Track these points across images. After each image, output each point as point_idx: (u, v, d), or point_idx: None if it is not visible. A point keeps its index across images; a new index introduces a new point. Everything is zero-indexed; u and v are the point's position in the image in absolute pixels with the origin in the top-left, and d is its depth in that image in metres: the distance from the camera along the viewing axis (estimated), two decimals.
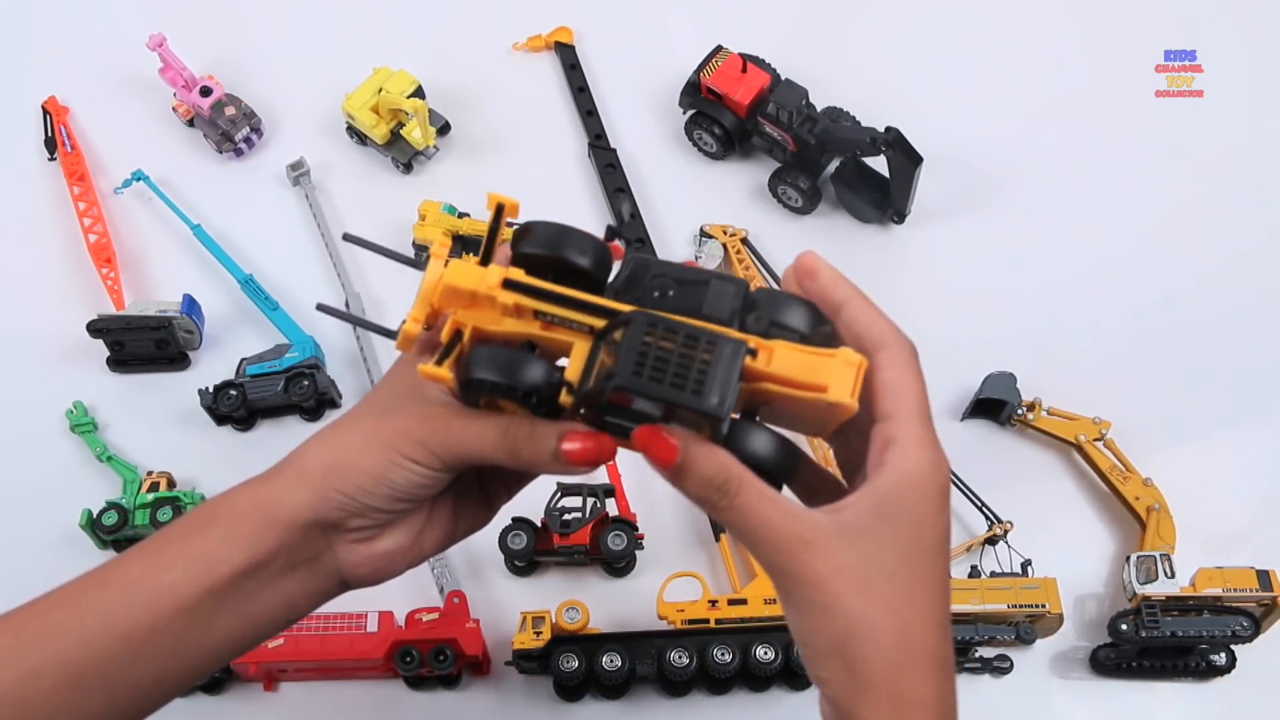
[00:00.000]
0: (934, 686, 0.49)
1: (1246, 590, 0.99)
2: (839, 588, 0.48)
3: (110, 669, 0.53)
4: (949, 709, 0.51)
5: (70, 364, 1.19)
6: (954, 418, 1.14)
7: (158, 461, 1.13)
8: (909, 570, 0.49)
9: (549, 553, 1.06)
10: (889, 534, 0.49)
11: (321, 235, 1.26)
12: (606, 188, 1.27)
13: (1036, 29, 1.38)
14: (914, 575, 0.49)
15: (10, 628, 0.54)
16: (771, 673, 0.99)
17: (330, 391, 1.15)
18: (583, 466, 0.52)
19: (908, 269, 1.23)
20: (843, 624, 0.49)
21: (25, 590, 1.12)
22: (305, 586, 0.57)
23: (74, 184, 1.27)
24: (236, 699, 1.04)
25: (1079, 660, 1.04)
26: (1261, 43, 1.37)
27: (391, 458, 0.54)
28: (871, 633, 0.48)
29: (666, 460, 0.49)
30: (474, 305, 0.52)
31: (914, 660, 0.49)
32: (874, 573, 0.49)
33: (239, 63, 1.36)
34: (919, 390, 0.51)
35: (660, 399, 0.48)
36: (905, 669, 0.49)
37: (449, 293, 0.52)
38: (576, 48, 1.38)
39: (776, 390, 0.50)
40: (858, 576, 0.49)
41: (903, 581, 0.49)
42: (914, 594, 0.49)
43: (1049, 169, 1.28)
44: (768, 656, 0.98)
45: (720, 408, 0.47)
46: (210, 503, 0.57)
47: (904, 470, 0.50)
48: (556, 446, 0.52)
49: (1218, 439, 1.12)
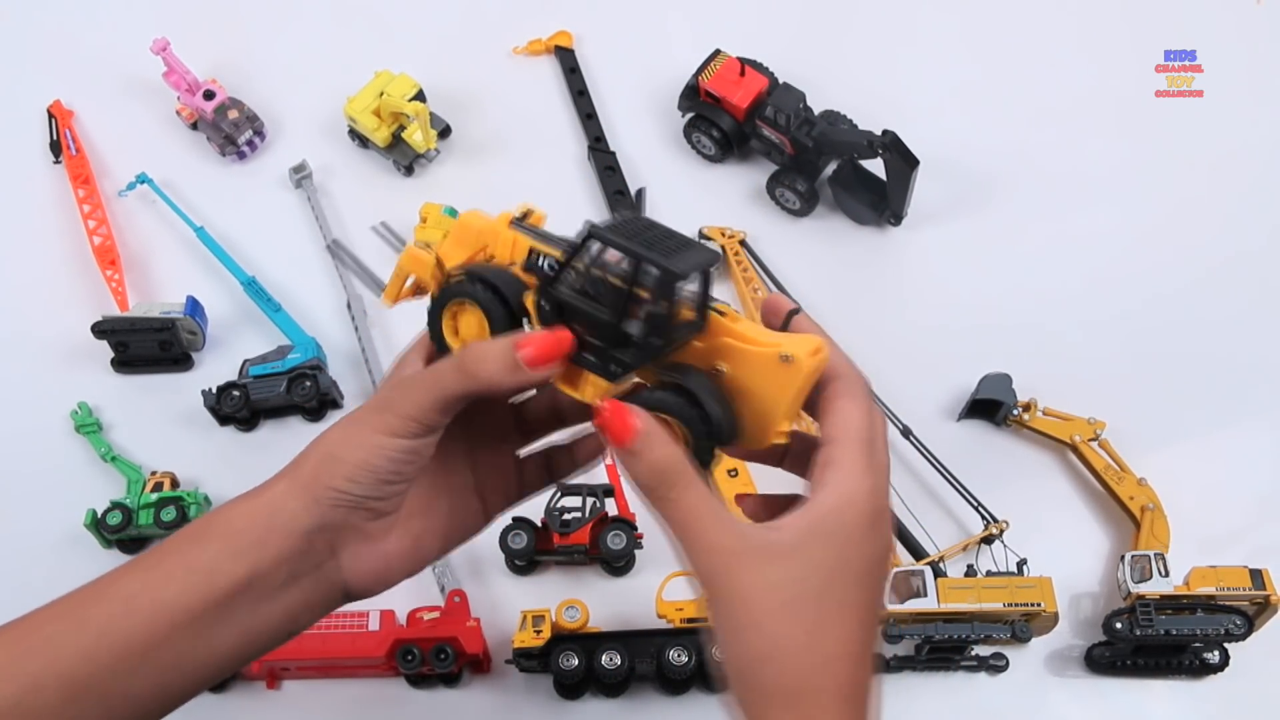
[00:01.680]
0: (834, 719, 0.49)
1: (1240, 589, 0.99)
2: (762, 607, 0.49)
3: (109, 683, 0.53)
4: None
5: (75, 365, 1.20)
6: (950, 418, 1.14)
7: (161, 462, 1.14)
8: (833, 593, 0.49)
9: (549, 552, 1.07)
10: (818, 554, 0.49)
11: (323, 237, 1.27)
12: (606, 190, 1.28)
13: (1035, 30, 1.39)
14: (837, 599, 0.49)
15: (9, 640, 0.54)
16: None
17: (332, 392, 1.16)
18: (542, 367, 0.52)
19: (904, 271, 1.24)
20: (759, 646, 0.49)
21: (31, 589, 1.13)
22: (307, 598, 0.57)
23: (79, 187, 1.28)
24: (240, 697, 1.05)
25: (1074, 658, 1.04)
26: (1261, 43, 1.37)
27: (368, 440, 0.55)
28: (784, 660, 0.48)
29: (622, 438, 0.50)
30: (479, 242, 0.58)
31: (820, 692, 0.49)
32: (798, 593, 0.48)
33: (242, 67, 1.37)
34: (864, 419, 0.52)
35: (629, 251, 0.50)
36: (805, 700, 0.48)
37: (463, 229, 0.58)
38: (576, 51, 1.39)
39: (734, 346, 0.52)
40: (782, 597, 0.48)
41: (826, 605, 0.49)
42: (834, 620, 0.49)
43: (1047, 170, 1.28)
44: None
45: (684, 273, 0.49)
46: (207, 517, 0.58)
47: (840, 492, 0.50)
48: (512, 354, 0.52)
49: (1212, 439, 1.13)
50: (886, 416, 1.12)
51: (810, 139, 1.21)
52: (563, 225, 1.27)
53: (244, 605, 0.55)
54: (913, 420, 1.12)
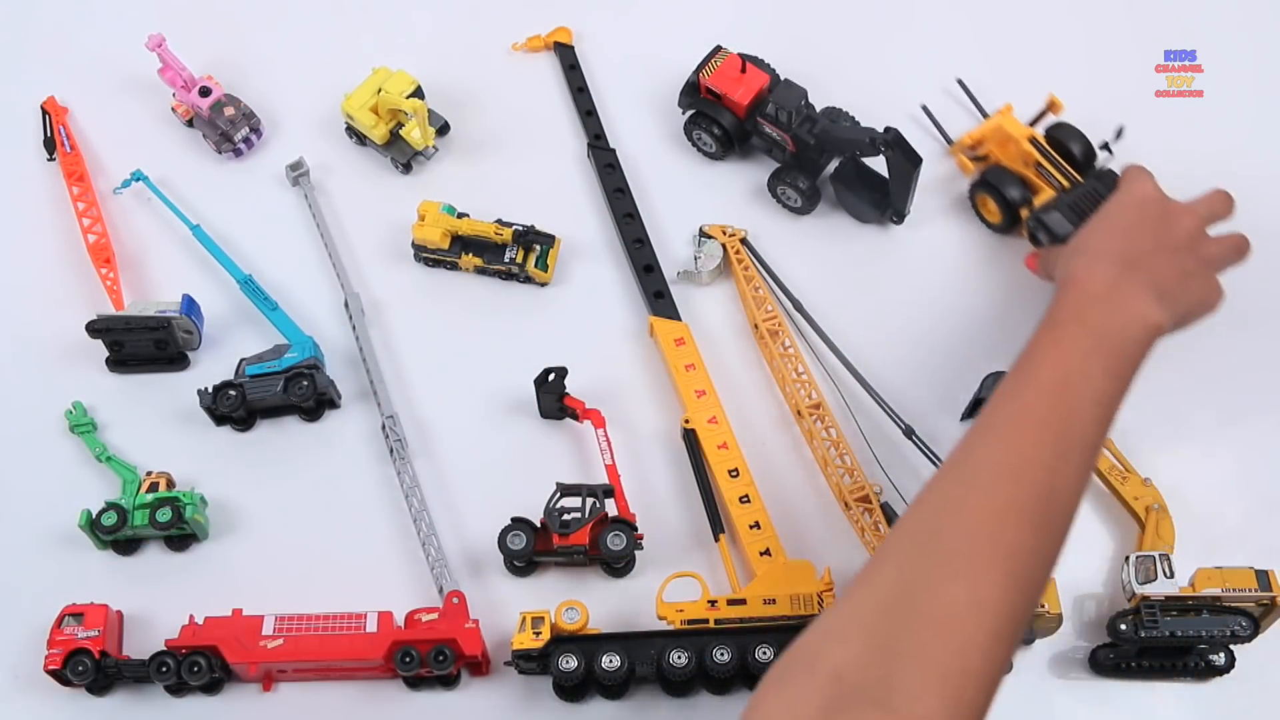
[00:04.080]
0: (1084, 269, 0.91)
1: (1245, 590, 0.99)
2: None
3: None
4: (1097, 281, 0.90)
5: (69, 364, 1.19)
6: (953, 418, 1.14)
7: (157, 462, 1.13)
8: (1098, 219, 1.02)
9: (548, 553, 1.06)
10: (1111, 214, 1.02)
11: (321, 235, 1.26)
12: (606, 188, 1.27)
13: (1036, 29, 1.39)
14: (1100, 218, 1.01)
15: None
16: None
17: (330, 392, 1.15)
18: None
19: (907, 269, 1.23)
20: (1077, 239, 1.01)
21: (25, 590, 1.13)
22: None
23: (73, 184, 1.27)
24: (235, 700, 1.04)
25: (1078, 660, 1.04)
26: (1261, 43, 1.37)
27: None
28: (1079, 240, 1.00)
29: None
30: (1005, 144, 1.18)
31: (1080, 254, 0.95)
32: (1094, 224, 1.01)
33: (238, 63, 1.37)
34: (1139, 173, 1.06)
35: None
36: (1073, 259, 0.94)
37: (995, 129, 1.20)
38: (576, 48, 1.38)
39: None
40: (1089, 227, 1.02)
41: (1093, 223, 1.01)
42: (1097, 226, 1.00)
43: None
44: (767, 656, 0.98)
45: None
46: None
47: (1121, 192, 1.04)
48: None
49: (1217, 439, 1.13)
50: (889, 416, 1.11)
51: (812, 136, 1.21)
52: (563, 225, 1.27)
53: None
54: (915, 420, 1.11)
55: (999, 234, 1.24)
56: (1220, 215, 1.06)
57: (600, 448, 1.10)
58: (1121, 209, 1.01)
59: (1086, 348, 0.84)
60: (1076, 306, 0.88)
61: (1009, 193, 1.20)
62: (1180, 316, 0.95)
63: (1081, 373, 0.83)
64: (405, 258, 1.25)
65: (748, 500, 1.08)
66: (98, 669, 1.01)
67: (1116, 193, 1.04)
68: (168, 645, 1.01)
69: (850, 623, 0.73)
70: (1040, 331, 0.87)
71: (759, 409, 1.16)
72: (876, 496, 1.07)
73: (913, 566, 0.74)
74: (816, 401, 1.13)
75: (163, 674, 1.01)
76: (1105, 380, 0.83)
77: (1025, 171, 1.21)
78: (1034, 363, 0.84)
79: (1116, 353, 0.85)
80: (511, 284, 1.24)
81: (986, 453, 0.79)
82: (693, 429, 1.11)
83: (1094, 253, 0.94)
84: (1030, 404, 0.81)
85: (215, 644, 1.01)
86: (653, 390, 1.17)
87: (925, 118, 1.30)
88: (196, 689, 1.03)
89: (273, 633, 1.01)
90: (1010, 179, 1.21)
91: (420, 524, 1.08)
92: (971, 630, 0.70)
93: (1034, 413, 0.80)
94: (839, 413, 1.13)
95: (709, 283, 1.23)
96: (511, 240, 1.21)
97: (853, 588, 0.75)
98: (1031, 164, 1.21)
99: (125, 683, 1.04)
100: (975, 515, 0.75)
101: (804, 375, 1.14)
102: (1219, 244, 1.04)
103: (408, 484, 1.10)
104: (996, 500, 0.76)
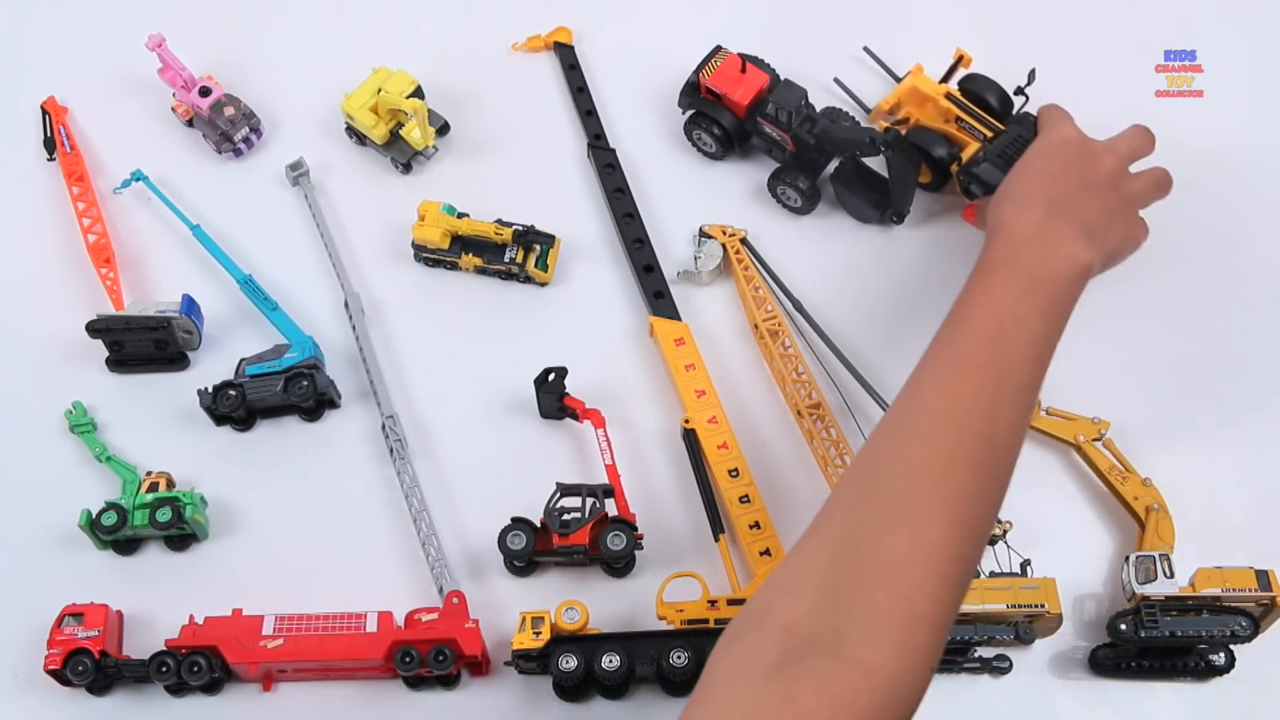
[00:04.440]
0: (1011, 213, 0.92)
1: (1245, 590, 0.99)
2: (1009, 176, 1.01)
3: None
4: (1025, 224, 0.91)
5: (69, 364, 1.19)
6: None
7: (157, 462, 1.13)
8: (1021, 165, 1.01)
9: (548, 553, 1.06)
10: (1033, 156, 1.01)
11: (321, 235, 1.26)
12: (606, 188, 1.27)
13: (1036, 29, 1.38)
14: (1023, 164, 1.01)
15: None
16: None
17: (330, 392, 1.15)
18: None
19: (907, 269, 1.23)
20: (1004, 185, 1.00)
21: (25, 590, 1.13)
22: None
23: (73, 184, 1.27)
24: (235, 700, 1.04)
25: (1078, 660, 1.04)
26: (1261, 43, 1.37)
27: None
28: (1005, 186, 0.99)
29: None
30: (922, 104, 1.20)
31: (1007, 200, 0.95)
32: (1019, 168, 1.01)
33: (238, 63, 1.36)
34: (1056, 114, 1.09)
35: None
36: (999, 206, 0.95)
37: (910, 90, 1.21)
38: (576, 48, 1.38)
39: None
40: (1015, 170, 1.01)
41: (1017, 169, 1.00)
42: (1021, 171, 1.00)
43: None
44: None
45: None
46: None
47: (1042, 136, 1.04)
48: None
49: (1217, 439, 1.12)
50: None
51: (812, 136, 1.21)
52: (563, 225, 1.26)
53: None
54: None
55: (932, 193, 1.25)
56: (1141, 153, 1.07)
57: (600, 448, 1.10)
58: (1043, 153, 1.01)
59: (1018, 290, 0.86)
60: (1006, 251, 0.89)
61: (935, 151, 1.21)
62: (1108, 255, 0.96)
63: (1015, 316, 0.84)
64: (405, 258, 1.25)
65: (748, 500, 1.08)
66: (98, 669, 1.01)
67: (1038, 138, 1.04)
68: (168, 645, 1.01)
69: (799, 576, 0.74)
70: (973, 278, 0.88)
71: (759, 409, 1.16)
72: None
73: (857, 517, 0.76)
74: (816, 401, 1.13)
75: (163, 674, 1.01)
76: (1039, 321, 0.85)
77: (947, 128, 1.22)
78: (968, 308, 0.85)
79: (1048, 294, 0.87)
80: (511, 284, 1.24)
81: (926, 400, 0.81)
82: (693, 429, 1.11)
83: (1019, 198, 0.95)
84: (966, 350, 0.83)
85: (215, 644, 1.01)
86: (653, 390, 1.17)
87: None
88: (196, 689, 1.03)
89: (273, 633, 1.01)
90: (934, 137, 1.22)
91: (420, 524, 1.08)
92: (918, 575, 0.72)
93: (971, 358, 0.82)
94: (839, 413, 1.13)
95: (709, 283, 1.23)
96: (511, 240, 1.21)
97: (801, 541, 0.77)
98: (952, 119, 1.22)
99: (125, 683, 1.04)
100: (917, 463, 0.77)
101: (804, 375, 1.14)
102: (1141, 180, 1.05)
103: (408, 484, 1.10)
104: (938, 448, 0.78)
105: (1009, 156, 1.13)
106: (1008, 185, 0.99)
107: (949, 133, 1.22)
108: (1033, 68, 1.19)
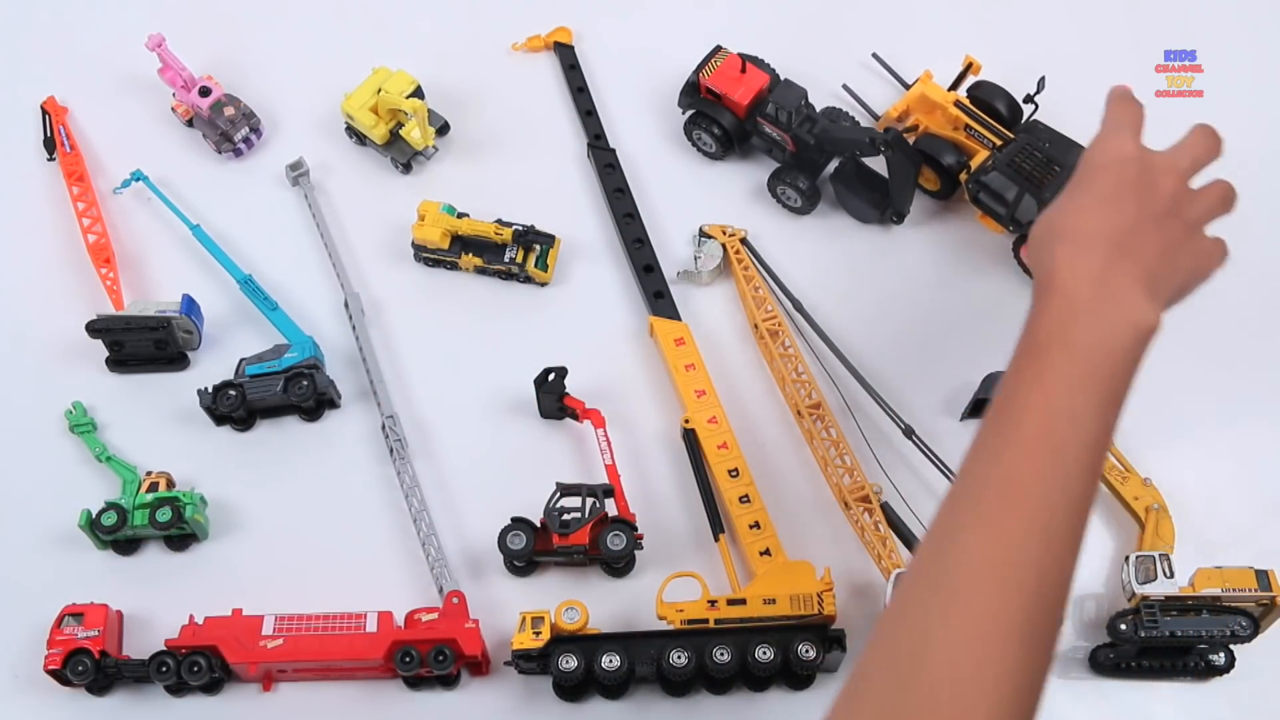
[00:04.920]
0: (1065, 261, 0.77)
1: (1245, 590, 0.99)
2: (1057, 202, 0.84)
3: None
4: (1081, 282, 0.76)
5: (69, 364, 1.19)
6: (953, 418, 1.14)
7: (157, 462, 1.13)
8: (1072, 189, 0.83)
9: (548, 553, 1.06)
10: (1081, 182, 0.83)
11: (320, 235, 1.26)
12: (605, 188, 1.27)
13: (1036, 29, 1.38)
14: (1074, 187, 0.82)
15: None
16: (770, 673, 1.00)
17: (329, 391, 1.15)
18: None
19: (907, 269, 1.23)
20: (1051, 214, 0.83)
21: (25, 590, 1.12)
22: None
23: (73, 184, 1.27)
24: (235, 699, 1.04)
25: (1078, 660, 1.04)
26: (1261, 43, 1.37)
27: None
28: (1054, 216, 0.82)
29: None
30: (931, 111, 1.20)
31: (1059, 241, 0.79)
32: (1068, 194, 0.83)
33: (238, 63, 1.36)
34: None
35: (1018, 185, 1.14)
36: (1051, 246, 0.79)
37: (919, 97, 1.19)
38: (576, 48, 1.38)
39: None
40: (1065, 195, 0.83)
41: (1068, 194, 0.83)
42: (1072, 198, 0.82)
43: None
44: (767, 656, 0.98)
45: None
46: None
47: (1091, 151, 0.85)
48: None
49: (1217, 439, 1.13)
50: (888, 416, 1.11)
51: (812, 136, 1.21)
52: (563, 225, 1.26)
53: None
54: (915, 420, 1.11)
55: (940, 200, 1.25)
56: (1204, 162, 0.89)
57: (600, 448, 1.10)
58: (1099, 173, 0.84)
59: (1075, 380, 0.73)
60: (1060, 320, 0.76)
61: (944, 159, 1.21)
62: (1173, 296, 0.83)
63: (1071, 415, 0.72)
64: (405, 258, 1.25)
65: (748, 500, 1.08)
66: (98, 669, 1.01)
67: (1091, 145, 0.86)
68: (168, 645, 1.01)
69: None
70: (1021, 356, 0.76)
71: (759, 409, 1.16)
72: (876, 496, 1.07)
73: (892, 704, 0.66)
74: (816, 401, 1.13)
75: (163, 674, 1.01)
76: (1098, 418, 0.73)
77: (956, 136, 1.23)
78: (1016, 406, 0.73)
79: (1109, 376, 0.74)
80: (511, 284, 1.24)
81: (968, 546, 0.70)
82: (693, 429, 1.11)
83: (1074, 237, 0.80)
84: (1014, 469, 0.71)
85: (215, 644, 1.01)
86: (653, 390, 1.17)
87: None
88: (196, 689, 1.03)
89: (273, 633, 1.01)
90: (943, 145, 1.22)
91: (420, 524, 1.08)
92: None
93: (1019, 483, 0.71)
94: (839, 413, 1.13)
95: (709, 283, 1.23)
96: (511, 240, 1.21)
97: None
98: (961, 127, 1.22)
99: (125, 683, 1.04)
100: (957, 640, 0.66)
101: (804, 375, 1.14)
102: (1205, 198, 0.88)
103: (408, 484, 1.10)
104: (982, 617, 0.67)
105: (1018, 165, 1.13)
106: (1059, 215, 0.82)
107: (958, 140, 1.22)
108: (1042, 75, 1.19)
